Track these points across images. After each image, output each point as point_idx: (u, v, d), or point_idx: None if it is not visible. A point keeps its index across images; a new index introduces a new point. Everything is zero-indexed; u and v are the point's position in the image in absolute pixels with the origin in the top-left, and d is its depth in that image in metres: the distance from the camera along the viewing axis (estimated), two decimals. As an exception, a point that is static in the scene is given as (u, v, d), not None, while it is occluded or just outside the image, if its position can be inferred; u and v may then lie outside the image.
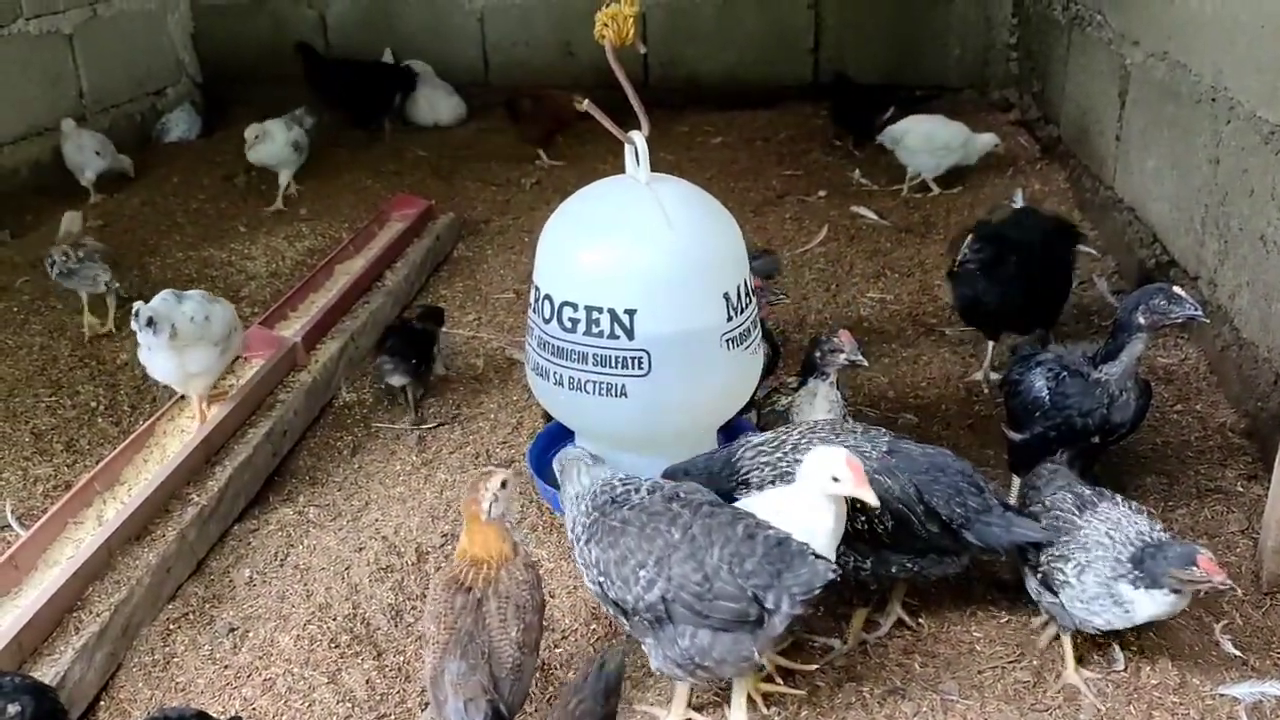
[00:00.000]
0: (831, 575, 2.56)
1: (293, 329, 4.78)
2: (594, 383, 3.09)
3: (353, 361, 4.82)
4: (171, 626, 3.30)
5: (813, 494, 2.75)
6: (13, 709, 2.02)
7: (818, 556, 2.59)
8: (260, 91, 8.59)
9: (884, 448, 3.01)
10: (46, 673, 2.85)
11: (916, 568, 3.05)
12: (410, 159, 7.75)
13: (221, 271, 5.81)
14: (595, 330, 3.05)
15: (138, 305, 3.81)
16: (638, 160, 3.18)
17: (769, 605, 2.57)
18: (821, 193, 6.91)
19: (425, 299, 5.60)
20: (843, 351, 3.43)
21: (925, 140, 6.68)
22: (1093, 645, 3.11)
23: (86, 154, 6.87)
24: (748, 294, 3.21)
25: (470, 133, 8.40)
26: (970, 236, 4.44)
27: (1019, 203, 6.31)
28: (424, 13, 8.92)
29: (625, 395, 3.09)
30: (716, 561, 2.57)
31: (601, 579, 2.67)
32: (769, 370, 3.75)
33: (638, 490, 2.72)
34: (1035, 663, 3.05)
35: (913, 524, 2.94)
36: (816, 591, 2.56)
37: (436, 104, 8.53)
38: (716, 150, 7.83)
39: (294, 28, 8.93)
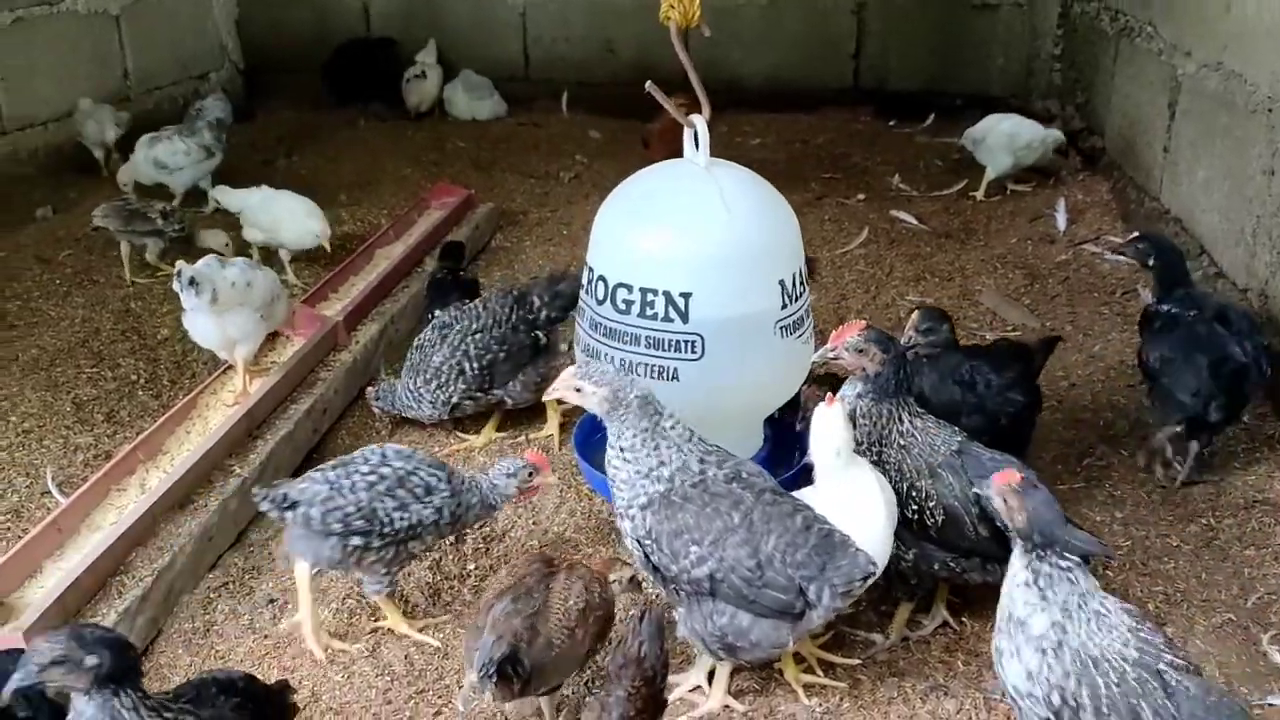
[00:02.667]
0: (871, 568, 2.57)
1: (335, 309, 4.79)
2: (646, 365, 3.08)
3: (392, 344, 4.83)
4: (212, 595, 3.31)
5: (838, 466, 2.78)
6: (90, 660, 2.01)
7: (858, 550, 2.59)
8: (303, 78, 8.65)
9: (954, 446, 2.99)
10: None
11: (959, 569, 3.02)
12: (450, 150, 7.77)
13: (262, 253, 5.82)
14: (649, 313, 3.04)
15: (180, 264, 3.85)
16: (697, 144, 3.16)
17: (811, 598, 2.58)
18: (860, 196, 6.89)
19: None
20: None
21: (1008, 139, 6.60)
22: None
23: (107, 130, 6.89)
24: (802, 282, 3.20)
25: (509, 126, 8.41)
26: (916, 313, 3.62)
27: (1061, 215, 6.28)
28: (467, 6, 8.94)
29: (677, 379, 3.07)
30: (771, 550, 2.57)
31: (649, 543, 2.66)
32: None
33: (702, 462, 2.70)
34: (1082, 665, 3.00)
35: (964, 524, 2.92)
36: (856, 584, 2.57)
37: (474, 102, 8.55)
38: (756, 151, 7.81)
39: (338, 17, 8.98)
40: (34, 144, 7.00)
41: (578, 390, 2.69)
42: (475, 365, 3.94)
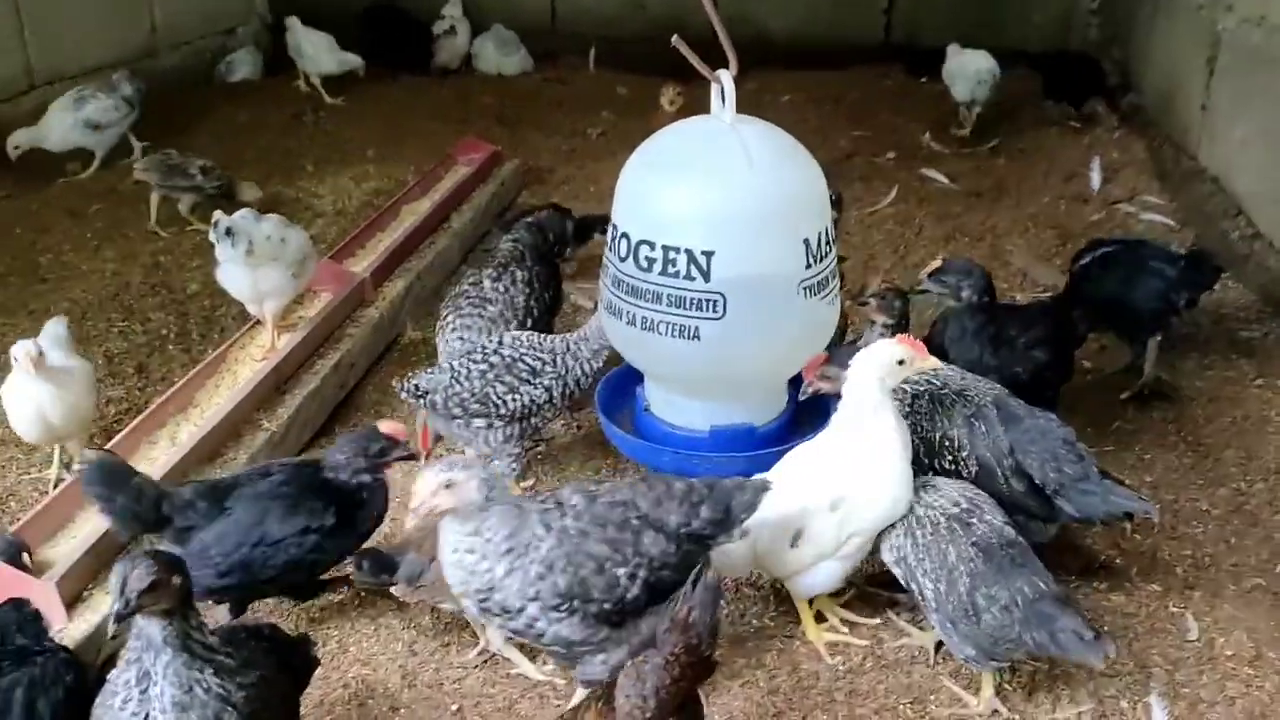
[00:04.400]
0: None
1: (361, 265, 4.80)
2: (667, 323, 3.06)
3: (418, 300, 4.84)
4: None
5: (875, 395, 2.76)
6: (176, 580, 2.07)
7: None
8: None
9: (989, 398, 3.00)
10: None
11: None
12: (476, 106, 7.73)
13: (289, 209, 5.82)
14: (671, 270, 3.01)
15: (218, 215, 3.88)
16: (723, 100, 3.12)
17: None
18: (890, 154, 6.80)
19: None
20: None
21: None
22: (1167, 615, 3.06)
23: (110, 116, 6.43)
24: (828, 242, 3.16)
25: (536, 82, 8.35)
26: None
27: (1096, 174, 6.17)
28: (495, -42, 8.85)
29: (698, 338, 3.06)
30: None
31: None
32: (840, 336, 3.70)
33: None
34: (1107, 629, 3.00)
35: (996, 475, 2.91)
36: None
37: (502, 57, 8.49)
38: (784, 110, 7.70)
39: (365, -29, 8.88)
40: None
41: (448, 486, 2.38)
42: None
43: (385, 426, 2.99)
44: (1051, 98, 7.17)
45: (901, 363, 2.76)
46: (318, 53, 7.67)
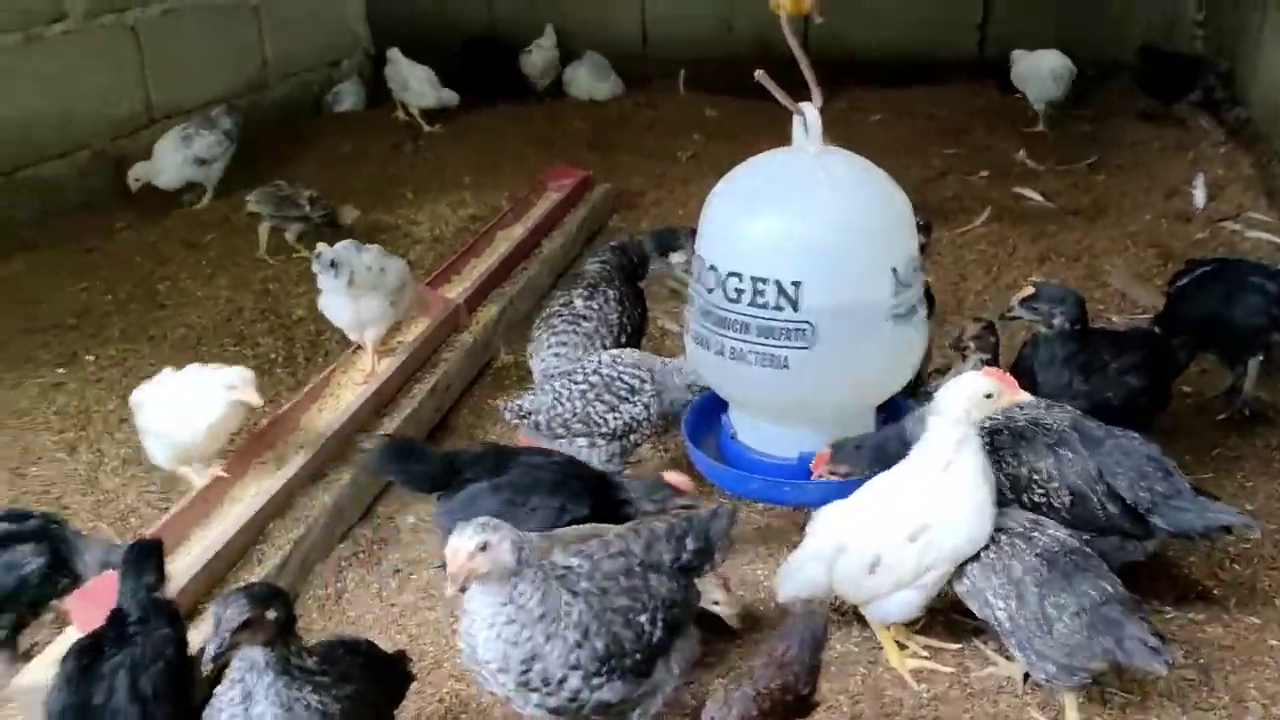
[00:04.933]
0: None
1: (456, 291, 4.95)
2: (755, 353, 3.11)
3: (511, 325, 4.97)
4: (343, 564, 3.50)
5: (961, 430, 2.75)
6: (271, 615, 2.18)
7: None
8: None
9: (1067, 423, 2.98)
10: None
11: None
12: (568, 131, 7.89)
13: (390, 235, 6.04)
14: (760, 301, 3.07)
15: (321, 247, 4.06)
16: (807, 132, 3.16)
17: None
18: (984, 172, 6.74)
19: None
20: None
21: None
22: (1265, 649, 2.99)
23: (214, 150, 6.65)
24: (916, 269, 3.18)
25: (626, 106, 8.48)
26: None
27: (1200, 191, 6.01)
28: (587, -13, 9.04)
29: (787, 366, 3.10)
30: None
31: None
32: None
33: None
34: (1202, 660, 2.94)
35: (1091, 501, 2.90)
36: None
37: (594, 82, 8.66)
38: (874, 127, 7.71)
39: (464, 3, 9.17)
40: (180, 132, 7.37)
41: (484, 549, 2.31)
42: None
43: (670, 477, 3.12)
44: (1144, 91, 7.13)
45: (989, 396, 2.75)
46: (420, 85, 7.91)
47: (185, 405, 3.46)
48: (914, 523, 2.78)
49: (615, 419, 3.57)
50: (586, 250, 5.93)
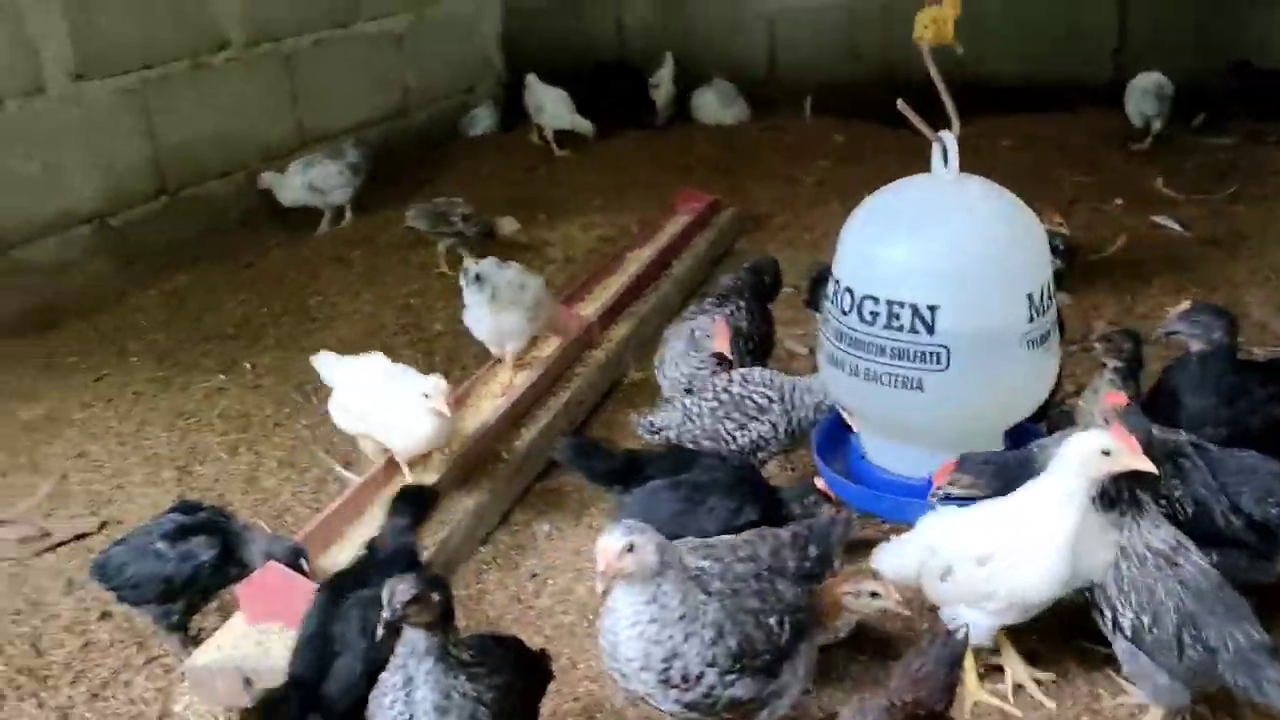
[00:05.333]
0: None
1: (589, 310, 5.13)
2: (890, 375, 3.18)
3: (641, 343, 5.12)
4: (483, 567, 3.68)
5: (1071, 482, 2.72)
6: (436, 597, 2.35)
7: None
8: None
9: (1185, 439, 2.96)
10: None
11: (1223, 569, 2.93)
12: (696, 156, 8.04)
13: (524, 255, 6.26)
14: (895, 324, 3.14)
15: (467, 262, 4.29)
16: (945, 159, 3.22)
17: None
18: (1118, 200, 6.63)
19: (708, 290, 5.83)
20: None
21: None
22: None
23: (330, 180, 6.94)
24: (1050, 296, 3.20)
25: (754, 131, 8.59)
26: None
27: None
28: (716, 16, 9.20)
29: (921, 389, 3.15)
30: None
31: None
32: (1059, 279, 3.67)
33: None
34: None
35: (1214, 512, 2.88)
36: None
37: (721, 108, 8.81)
38: (1004, 153, 7.64)
39: (595, 31, 9.44)
40: (327, 154, 7.78)
41: (630, 550, 2.40)
42: None
43: (820, 484, 3.29)
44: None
45: (1107, 454, 2.69)
46: (555, 108, 8.17)
47: (397, 412, 3.67)
48: (985, 548, 2.79)
49: (744, 436, 3.68)
50: (715, 271, 6.05)
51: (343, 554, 3.44)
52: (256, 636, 3.11)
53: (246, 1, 7.07)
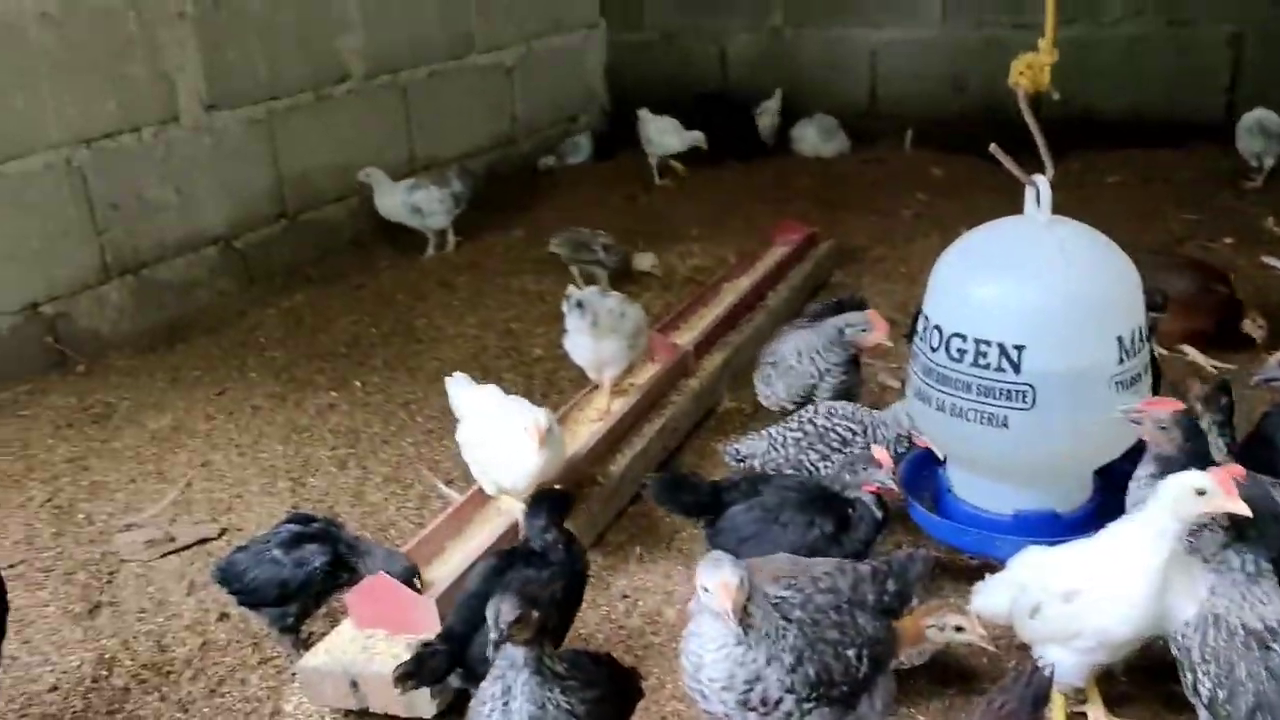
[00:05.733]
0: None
1: (685, 338, 5.25)
2: (976, 411, 3.22)
3: (735, 373, 5.22)
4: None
5: (1163, 520, 2.71)
6: (535, 616, 2.45)
7: None
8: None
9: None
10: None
11: None
12: (794, 187, 8.12)
13: (621, 283, 6.42)
14: (982, 362, 3.18)
15: (570, 289, 4.46)
16: (1038, 202, 3.27)
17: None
18: (1227, 239, 6.50)
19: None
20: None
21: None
22: None
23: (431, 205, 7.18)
24: (1142, 339, 3.21)
25: (853, 163, 8.64)
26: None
27: None
28: (818, 49, 9.30)
29: (1006, 426, 3.19)
30: None
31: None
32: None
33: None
34: None
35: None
36: None
37: (822, 141, 8.89)
38: (1111, 190, 7.56)
39: (698, 63, 9.62)
40: (438, 181, 8.08)
41: (739, 584, 2.47)
42: None
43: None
44: None
45: (1201, 493, 2.67)
46: (663, 136, 8.33)
47: (504, 449, 3.71)
48: (1072, 584, 2.80)
49: (827, 467, 3.75)
50: (810, 303, 6.12)
51: (444, 569, 3.61)
52: (363, 642, 3.27)
53: (369, 36, 7.42)
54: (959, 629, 2.97)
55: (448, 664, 2.94)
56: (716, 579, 2.46)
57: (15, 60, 5.42)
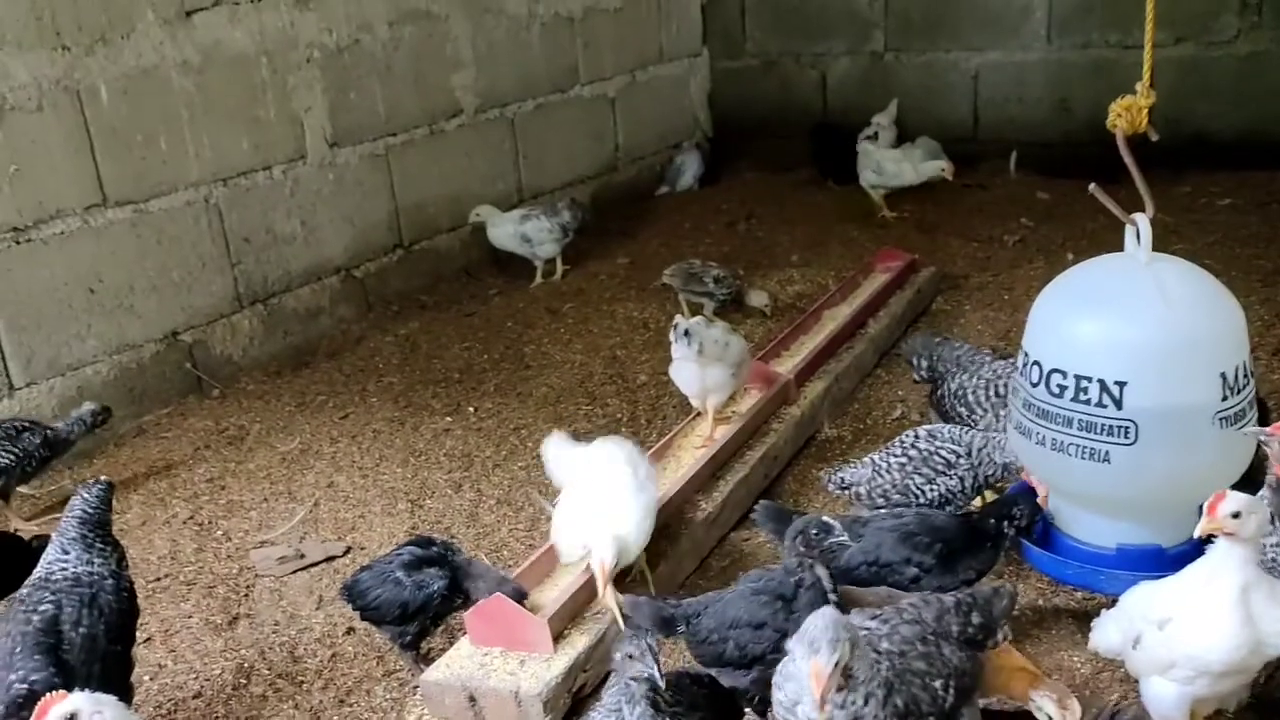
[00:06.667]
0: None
1: (786, 366, 5.35)
2: (1077, 446, 3.27)
3: (836, 401, 5.30)
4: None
5: (1228, 544, 2.76)
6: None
7: None
8: (764, 145, 9.51)
9: None
10: (587, 630, 3.57)
11: None
12: (896, 213, 8.15)
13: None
14: (1083, 398, 3.23)
15: (678, 318, 4.61)
16: (1139, 240, 3.31)
17: None
18: (1344, 265, 6.33)
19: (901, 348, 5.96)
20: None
21: None
22: None
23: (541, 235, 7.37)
24: (1246, 375, 3.22)
25: (955, 188, 8.61)
26: None
27: None
28: (920, 73, 9.31)
29: (1108, 461, 3.23)
30: None
31: None
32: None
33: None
34: None
35: None
36: None
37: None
38: (1223, 213, 7.40)
39: (799, 88, 9.73)
40: (544, 210, 8.34)
41: (832, 671, 2.48)
42: None
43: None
44: None
45: (1236, 516, 2.74)
46: (895, 167, 7.99)
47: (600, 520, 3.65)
48: (1165, 611, 2.84)
49: (932, 490, 3.84)
50: (910, 331, 6.16)
51: (552, 592, 3.78)
52: (480, 659, 3.47)
53: (479, 73, 7.74)
54: (1049, 718, 2.96)
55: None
56: (810, 663, 2.47)
57: (159, 106, 5.84)
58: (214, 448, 5.43)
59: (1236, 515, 2.78)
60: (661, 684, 2.62)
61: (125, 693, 3.19)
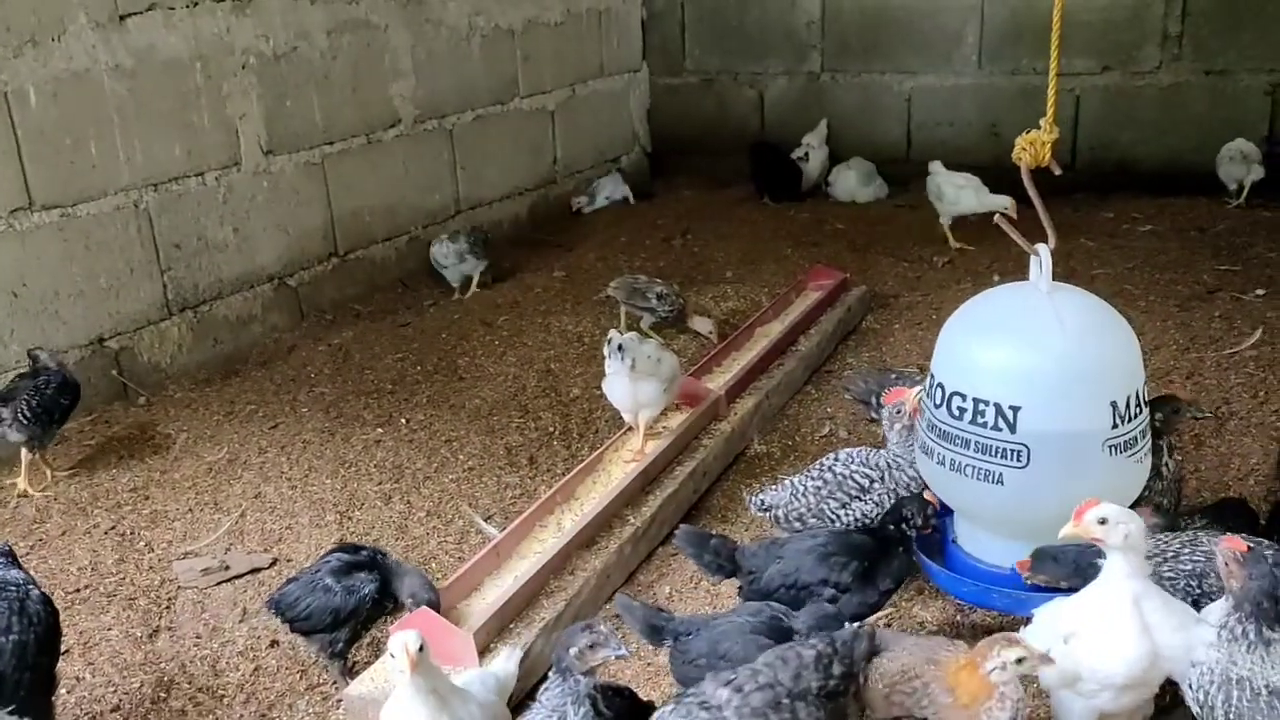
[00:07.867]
0: None
1: (718, 382, 5.43)
2: (973, 467, 3.38)
3: (765, 417, 5.38)
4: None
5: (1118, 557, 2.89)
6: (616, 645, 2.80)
7: None
8: (702, 161, 9.63)
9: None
10: (519, 639, 3.60)
11: None
12: (828, 231, 8.30)
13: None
14: (980, 420, 3.33)
15: (612, 332, 4.66)
16: (1041, 270, 3.43)
17: None
18: (1260, 291, 6.58)
19: (833, 366, 6.08)
20: None
21: None
22: None
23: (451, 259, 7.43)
24: (1138, 404, 3.34)
25: (887, 208, 8.80)
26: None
27: None
28: (855, 94, 9.51)
29: (1001, 483, 3.34)
30: None
31: None
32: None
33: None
34: None
35: None
36: None
37: (859, 186, 9.07)
38: (1143, 239, 7.66)
39: (736, 106, 9.87)
40: (480, 220, 8.33)
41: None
42: None
43: (928, 495, 3.64)
44: None
45: (1102, 521, 2.91)
46: (959, 194, 7.74)
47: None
48: (1068, 627, 2.96)
49: (847, 514, 3.91)
50: (841, 349, 6.28)
51: (482, 602, 3.80)
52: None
53: (419, 83, 7.73)
54: (1019, 660, 2.81)
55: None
56: None
57: (90, 109, 5.75)
58: (139, 456, 5.35)
59: (1103, 521, 2.91)
60: (629, 654, 2.72)
61: (47, 711, 3.15)
